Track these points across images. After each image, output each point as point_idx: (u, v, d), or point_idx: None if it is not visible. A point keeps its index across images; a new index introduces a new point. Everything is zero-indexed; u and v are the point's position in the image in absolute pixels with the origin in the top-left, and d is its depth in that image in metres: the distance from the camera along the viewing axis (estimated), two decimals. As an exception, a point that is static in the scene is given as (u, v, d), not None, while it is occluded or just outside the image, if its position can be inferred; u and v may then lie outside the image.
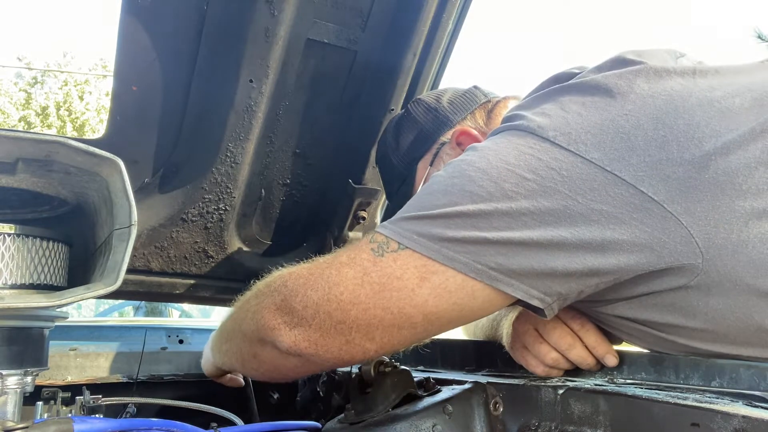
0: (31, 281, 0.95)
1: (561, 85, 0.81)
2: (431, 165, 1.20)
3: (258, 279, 0.94)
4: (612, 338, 0.89)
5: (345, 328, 0.77)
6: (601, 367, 0.90)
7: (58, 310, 1.01)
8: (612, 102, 0.75)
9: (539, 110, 0.79)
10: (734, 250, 0.68)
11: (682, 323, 0.74)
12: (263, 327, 0.82)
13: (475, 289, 0.74)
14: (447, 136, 1.19)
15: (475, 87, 1.26)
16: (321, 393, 1.29)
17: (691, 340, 0.76)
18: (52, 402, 1.15)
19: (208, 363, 1.18)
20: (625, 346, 0.90)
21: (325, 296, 0.78)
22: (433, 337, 0.88)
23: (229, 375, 1.25)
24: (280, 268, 0.89)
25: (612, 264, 0.71)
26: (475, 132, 1.15)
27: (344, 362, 0.83)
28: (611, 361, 0.89)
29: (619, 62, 0.80)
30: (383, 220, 1.76)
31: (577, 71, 0.85)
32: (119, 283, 0.89)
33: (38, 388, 1.09)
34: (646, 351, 0.86)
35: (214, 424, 0.93)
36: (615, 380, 0.85)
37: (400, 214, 0.81)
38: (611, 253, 0.70)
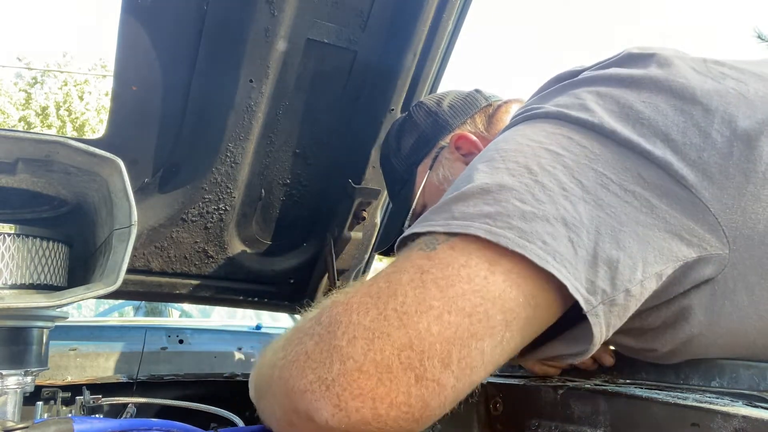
0: (31, 281, 0.95)
1: (570, 81, 0.79)
2: (431, 169, 1.19)
3: (258, 281, 0.88)
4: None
5: (413, 354, 0.55)
6: (598, 366, 0.90)
7: (58, 310, 1.01)
8: (627, 91, 0.72)
9: (554, 103, 0.75)
10: (761, 241, 0.66)
11: (704, 323, 0.70)
12: (292, 391, 0.58)
13: (538, 276, 0.61)
14: (446, 141, 1.19)
15: (477, 90, 1.25)
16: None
17: (706, 348, 0.73)
18: (52, 402, 1.15)
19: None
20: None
21: (381, 314, 0.57)
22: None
23: None
24: (309, 308, 0.68)
25: (652, 253, 0.64)
26: (474, 137, 1.14)
27: (412, 420, 0.57)
28: (607, 360, 0.89)
29: (627, 56, 0.78)
30: (383, 219, 1.77)
31: (579, 69, 0.83)
32: (119, 283, 0.89)
33: (38, 388, 1.09)
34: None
35: (214, 425, 0.93)
36: (615, 380, 0.85)
37: (430, 210, 0.69)
38: (649, 241, 0.64)
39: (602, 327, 0.63)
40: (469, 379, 0.60)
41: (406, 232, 0.68)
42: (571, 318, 0.67)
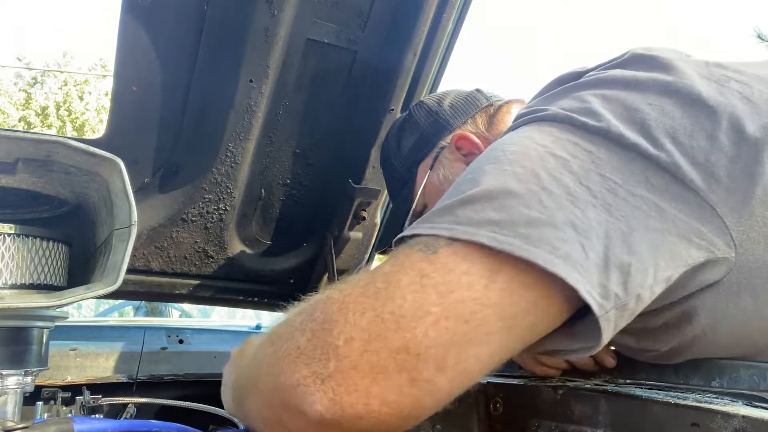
0: (31, 281, 0.95)
1: (574, 83, 0.78)
2: (431, 169, 1.19)
3: (258, 281, 0.86)
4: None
5: (409, 358, 0.56)
6: (599, 368, 0.90)
7: (58, 310, 1.01)
8: (632, 94, 0.72)
9: (558, 105, 0.74)
10: (766, 245, 0.66)
11: (708, 325, 0.70)
12: (283, 386, 0.58)
13: (544, 282, 0.60)
14: (447, 141, 1.18)
15: (478, 90, 1.24)
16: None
17: (709, 348, 0.73)
18: (52, 402, 1.15)
19: (229, 407, 0.84)
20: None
21: (377, 316, 0.56)
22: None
23: None
24: (296, 303, 0.66)
25: (663, 257, 0.63)
26: (475, 138, 1.13)
27: (403, 417, 0.58)
28: (609, 361, 0.88)
29: (631, 57, 0.78)
30: (383, 219, 1.77)
31: (582, 70, 0.82)
32: (119, 283, 0.89)
33: (38, 388, 1.09)
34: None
35: (212, 427, 0.92)
36: (615, 380, 0.85)
37: (432, 211, 0.67)
38: (659, 245, 0.63)
39: (611, 330, 0.63)
40: (463, 382, 0.61)
41: (407, 231, 0.66)
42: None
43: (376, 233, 1.78)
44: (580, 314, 0.64)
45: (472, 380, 0.62)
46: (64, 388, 1.22)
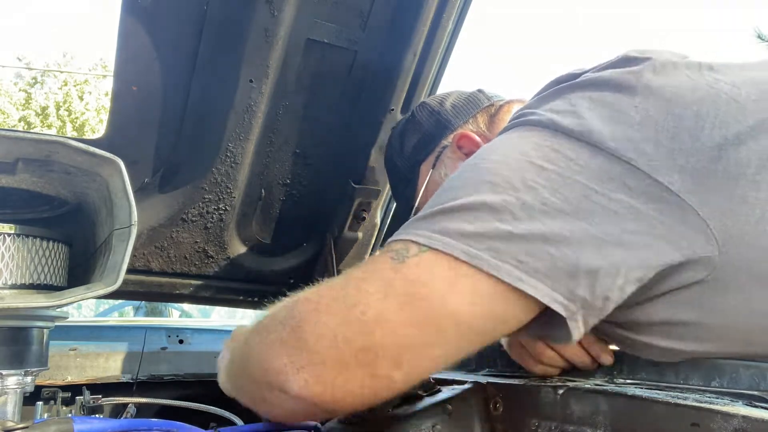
0: (31, 281, 0.95)
1: (568, 84, 0.80)
2: (433, 168, 1.21)
3: (258, 281, 0.89)
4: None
5: (369, 356, 0.65)
6: (597, 366, 0.90)
7: (58, 310, 1.01)
8: (621, 96, 0.74)
9: (548, 107, 0.78)
10: (750, 242, 0.68)
11: (697, 322, 0.72)
12: (267, 370, 0.69)
13: (506, 292, 0.67)
14: (448, 140, 1.20)
15: (479, 90, 1.26)
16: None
17: (702, 344, 0.74)
18: (52, 402, 1.15)
19: (222, 382, 0.95)
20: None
21: (344, 319, 0.66)
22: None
23: None
24: (283, 298, 0.76)
25: (635, 259, 0.67)
26: (476, 136, 1.15)
27: (364, 403, 0.70)
28: (607, 359, 0.89)
29: (624, 59, 0.80)
30: (383, 219, 1.77)
31: (579, 72, 0.84)
32: (119, 283, 0.89)
33: (38, 388, 1.09)
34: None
35: (213, 424, 0.93)
36: (615, 380, 0.85)
37: (413, 218, 0.75)
38: (633, 247, 0.67)
39: (580, 329, 0.70)
40: (418, 377, 0.70)
41: (394, 236, 0.73)
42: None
43: (376, 233, 1.78)
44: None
45: (426, 375, 0.74)
46: (64, 388, 1.22)
